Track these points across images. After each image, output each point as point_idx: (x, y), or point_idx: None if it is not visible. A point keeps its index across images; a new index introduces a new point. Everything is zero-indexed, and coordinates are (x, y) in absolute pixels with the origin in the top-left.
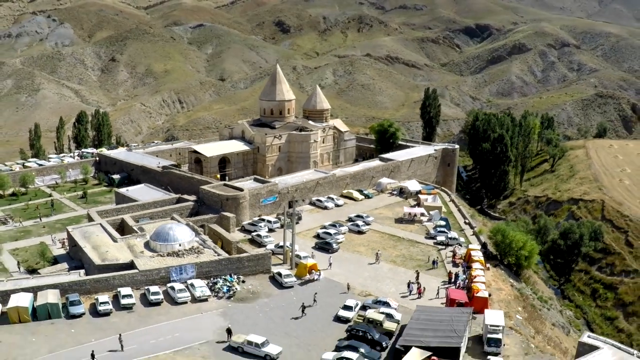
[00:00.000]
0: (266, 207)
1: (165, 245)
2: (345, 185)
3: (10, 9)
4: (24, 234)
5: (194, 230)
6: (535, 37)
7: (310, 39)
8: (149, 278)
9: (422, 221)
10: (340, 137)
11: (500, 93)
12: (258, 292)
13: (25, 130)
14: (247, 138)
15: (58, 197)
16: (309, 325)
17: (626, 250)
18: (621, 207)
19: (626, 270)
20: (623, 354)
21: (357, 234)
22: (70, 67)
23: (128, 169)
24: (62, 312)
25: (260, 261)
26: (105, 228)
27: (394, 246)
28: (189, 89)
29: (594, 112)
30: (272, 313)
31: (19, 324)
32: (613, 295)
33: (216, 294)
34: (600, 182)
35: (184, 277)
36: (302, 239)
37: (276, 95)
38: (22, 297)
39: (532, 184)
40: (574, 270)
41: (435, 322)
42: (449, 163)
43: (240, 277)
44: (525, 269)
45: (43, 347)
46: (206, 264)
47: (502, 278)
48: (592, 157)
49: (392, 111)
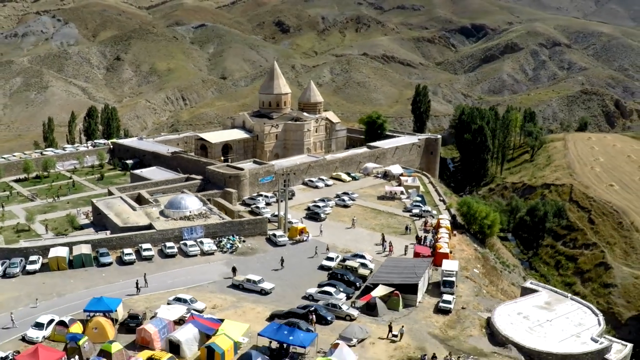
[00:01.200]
0: (264, 186)
1: (178, 212)
2: (334, 169)
3: (14, 9)
4: (51, 209)
5: (201, 201)
6: (528, 36)
7: (309, 38)
8: (165, 237)
9: (401, 198)
10: (332, 127)
11: (491, 91)
12: (256, 248)
13: (35, 125)
14: (247, 127)
15: (77, 179)
16: (297, 272)
17: (588, 227)
18: (587, 190)
19: (586, 243)
20: (558, 296)
21: (343, 208)
22: (76, 66)
23: (140, 154)
24: (94, 262)
25: (258, 225)
26: (125, 200)
27: (375, 217)
28: (191, 86)
29: (578, 108)
30: (268, 264)
31: (57, 271)
32: (573, 265)
33: (221, 250)
34: (572, 170)
35: (194, 236)
36: (295, 211)
37: (274, 89)
38: (60, 250)
39: (511, 172)
40: (542, 245)
41: (400, 267)
42: (432, 152)
43: (241, 237)
44: (489, 237)
45: (80, 286)
46: (212, 226)
47: (466, 242)
48: (569, 148)
49: (386, 107)
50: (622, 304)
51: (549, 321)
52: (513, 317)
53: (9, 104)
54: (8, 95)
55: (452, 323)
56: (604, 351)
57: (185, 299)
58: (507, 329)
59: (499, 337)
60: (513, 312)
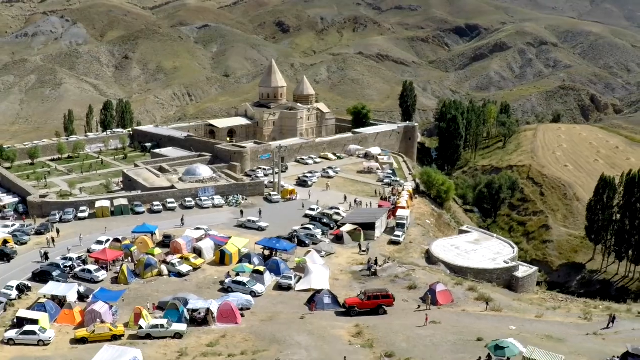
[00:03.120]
0: (263, 162)
1: (194, 177)
2: (323, 150)
3: (22, 9)
4: (86, 180)
5: (212, 170)
6: (517, 36)
7: (308, 38)
8: (184, 194)
9: (377, 173)
10: (322, 116)
11: (479, 87)
12: (255, 204)
13: (52, 119)
14: (249, 115)
15: (105, 159)
16: (287, 218)
17: (539, 198)
18: (543, 169)
19: (535, 211)
20: (486, 235)
21: (327, 178)
22: (87, 64)
23: (157, 139)
24: (131, 211)
25: (256, 187)
26: (150, 170)
27: (352, 185)
28: (196, 83)
29: (556, 103)
30: (264, 214)
31: (102, 217)
32: (523, 228)
33: (228, 204)
34: (534, 154)
35: (207, 194)
36: (288, 181)
37: (271, 83)
38: (104, 202)
39: (484, 157)
40: (500, 215)
41: (364, 213)
42: (410, 137)
43: (243, 196)
44: (446, 202)
45: (122, 224)
46: (221, 187)
47: (425, 203)
48: (538, 137)
49: (378, 102)
50: (555, 255)
51: (474, 250)
52: (447, 247)
53: (26, 99)
54: (24, 92)
55: (400, 250)
56: (512, 269)
57: (204, 228)
58: (440, 254)
59: (433, 259)
60: (447, 244)
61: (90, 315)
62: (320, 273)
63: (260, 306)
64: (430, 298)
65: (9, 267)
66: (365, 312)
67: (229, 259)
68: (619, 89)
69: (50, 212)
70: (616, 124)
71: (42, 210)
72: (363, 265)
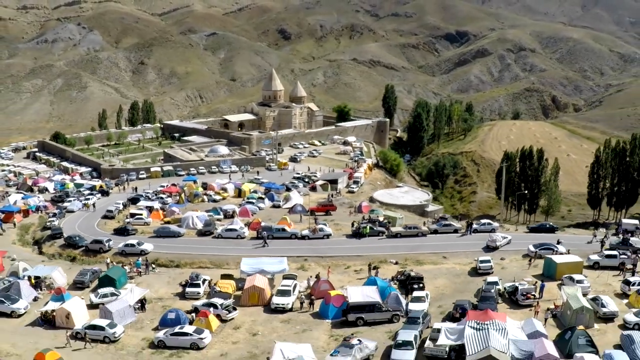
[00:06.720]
0: (265, 147)
1: (216, 154)
2: (310, 138)
3: (37, 15)
4: (132, 158)
5: (229, 149)
6: (498, 42)
7: (308, 45)
8: (210, 164)
9: (350, 154)
10: (312, 113)
11: (459, 90)
12: (260, 172)
13: (82, 117)
14: (254, 112)
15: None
16: (281, 179)
17: (476, 174)
18: (484, 154)
19: (470, 183)
20: (414, 189)
21: (312, 157)
22: (107, 69)
23: (183, 130)
24: (175, 174)
25: (260, 160)
26: (183, 149)
27: (329, 161)
28: (207, 87)
29: (520, 103)
30: (265, 178)
31: (155, 178)
32: (459, 195)
33: (241, 171)
34: (483, 143)
35: (226, 165)
36: (283, 158)
37: (272, 87)
38: (156, 168)
39: (445, 147)
40: (446, 187)
41: (332, 174)
42: (382, 130)
43: (252, 167)
44: (398, 173)
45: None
46: (236, 160)
47: (380, 173)
48: (492, 130)
49: (366, 103)
50: (475, 210)
51: (403, 196)
52: (384, 194)
53: (55, 100)
54: (52, 94)
55: (354, 196)
56: (423, 206)
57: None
58: (378, 197)
59: (373, 200)
60: (385, 193)
61: (169, 213)
62: (298, 198)
63: (260, 213)
64: (357, 207)
65: (109, 198)
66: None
67: (244, 194)
68: (586, 90)
69: (120, 175)
70: (565, 120)
71: (112, 174)
72: (325, 199)
